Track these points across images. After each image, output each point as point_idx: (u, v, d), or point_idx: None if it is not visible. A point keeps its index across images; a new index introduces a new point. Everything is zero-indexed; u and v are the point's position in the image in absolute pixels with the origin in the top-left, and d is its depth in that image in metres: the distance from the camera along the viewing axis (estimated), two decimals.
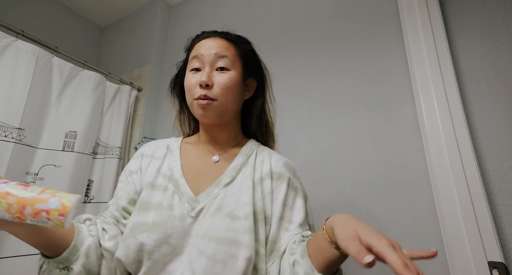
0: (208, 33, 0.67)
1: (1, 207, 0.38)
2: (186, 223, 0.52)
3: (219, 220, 0.52)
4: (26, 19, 1.69)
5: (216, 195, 0.56)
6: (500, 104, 0.81)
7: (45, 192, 0.40)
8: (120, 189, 0.62)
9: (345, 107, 1.06)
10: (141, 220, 0.53)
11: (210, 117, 0.60)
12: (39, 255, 0.51)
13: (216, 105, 0.58)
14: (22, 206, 0.38)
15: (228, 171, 0.60)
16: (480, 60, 0.87)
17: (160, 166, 0.62)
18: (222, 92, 0.59)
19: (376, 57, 1.05)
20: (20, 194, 0.39)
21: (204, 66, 0.60)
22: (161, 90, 1.72)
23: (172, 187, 0.57)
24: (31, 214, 0.38)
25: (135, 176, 0.62)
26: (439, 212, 0.79)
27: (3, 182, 0.40)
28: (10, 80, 1.10)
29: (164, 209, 0.54)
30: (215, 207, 0.54)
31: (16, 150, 1.07)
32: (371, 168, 0.95)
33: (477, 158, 0.78)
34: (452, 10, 0.95)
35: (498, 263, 0.68)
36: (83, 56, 1.68)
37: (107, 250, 0.53)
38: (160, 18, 1.82)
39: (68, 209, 0.39)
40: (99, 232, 0.55)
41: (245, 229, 0.51)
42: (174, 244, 0.50)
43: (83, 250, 0.51)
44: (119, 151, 1.45)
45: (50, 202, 0.39)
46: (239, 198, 0.55)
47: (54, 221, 0.38)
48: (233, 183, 0.58)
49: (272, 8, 1.41)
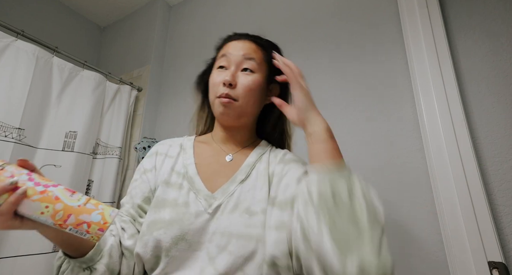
0: (240, 35, 0.69)
1: (47, 212, 0.37)
2: (202, 220, 0.52)
3: (237, 217, 0.52)
4: (26, 19, 1.70)
5: (233, 192, 0.56)
6: (500, 104, 0.81)
7: (90, 202, 0.40)
8: (134, 187, 0.62)
9: (345, 107, 1.06)
10: (157, 217, 0.53)
11: (229, 117, 0.61)
12: (55, 254, 0.51)
13: (236, 105, 0.59)
14: (68, 215, 0.38)
15: (243, 168, 0.60)
16: (480, 60, 0.87)
17: (174, 164, 0.62)
18: (245, 93, 0.60)
19: (376, 57, 1.05)
20: (68, 202, 0.38)
21: (230, 66, 0.62)
22: (161, 90, 1.73)
23: (187, 185, 0.58)
24: (73, 224, 0.38)
25: (149, 174, 0.62)
26: (439, 212, 0.79)
27: (52, 185, 0.40)
28: (10, 80, 1.10)
29: (180, 206, 0.54)
30: (232, 204, 0.54)
31: (16, 150, 1.07)
32: (371, 168, 0.95)
33: (477, 158, 0.78)
34: (452, 10, 0.95)
35: (498, 263, 0.68)
36: (83, 56, 1.68)
37: (127, 248, 0.54)
38: (160, 18, 1.82)
39: (108, 224, 0.39)
40: (119, 231, 0.56)
41: (263, 224, 0.51)
42: (191, 241, 0.51)
43: (107, 249, 0.52)
44: (119, 151, 1.45)
45: (93, 214, 0.39)
46: (254, 194, 0.55)
47: (92, 234, 0.38)
48: (248, 179, 0.58)
49: (272, 8, 1.41)
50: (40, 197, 0.38)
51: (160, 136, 1.60)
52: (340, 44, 1.14)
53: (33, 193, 0.38)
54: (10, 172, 0.39)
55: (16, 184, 0.37)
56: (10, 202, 0.37)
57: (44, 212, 0.37)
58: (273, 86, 0.67)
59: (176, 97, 1.63)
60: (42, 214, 0.38)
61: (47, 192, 0.38)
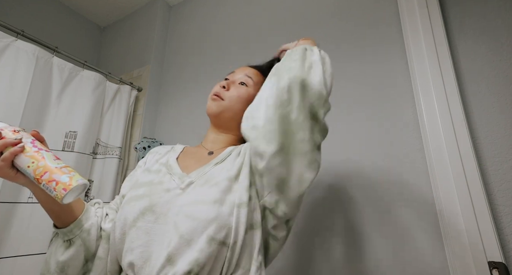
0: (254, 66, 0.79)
1: (32, 166, 0.46)
2: (173, 194, 0.55)
3: (207, 189, 0.54)
4: (26, 19, 1.69)
5: (206, 172, 0.59)
6: (500, 104, 0.81)
7: (67, 168, 0.48)
8: (124, 182, 0.69)
9: (345, 107, 1.06)
10: (132, 195, 0.57)
11: (212, 111, 0.68)
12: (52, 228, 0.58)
13: (221, 103, 0.67)
14: (45, 171, 0.46)
15: (220, 155, 0.64)
16: (480, 60, 0.87)
17: (161, 157, 0.69)
18: (232, 97, 0.68)
19: (376, 57, 1.05)
20: (49, 163, 0.47)
21: (232, 78, 0.72)
22: (161, 90, 1.73)
23: (165, 169, 0.63)
24: (46, 180, 0.45)
25: (139, 170, 0.69)
26: (439, 212, 0.79)
27: (45, 150, 0.50)
28: (10, 80, 1.10)
29: (154, 185, 0.58)
30: (203, 180, 0.56)
31: None
32: (371, 168, 0.95)
33: (477, 158, 0.78)
34: (452, 10, 0.95)
35: (498, 263, 0.68)
36: (83, 56, 1.68)
37: (104, 230, 0.59)
38: (160, 18, 1.82)
39: (71, 186, 0.45)
40: (103, 215, 0.61)
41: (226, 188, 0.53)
42: (158, 212, 0.52)
43: (87, 226, 0.56)
44: (119, 151, 1.45)
45: (63, 176, 0.46)
46: (227, 170, 0.57)
47: (57, 192, 0.45)
48: (223, 162, 0.61)
49: (272, 8, 1.41)
50: (32, 154, 0.47)
51: (160, 136, 1.60)
52: (340, 44, 1.14)
53: (28, 150, 0.48)
54: (21, 135, 0.50)
55: (19, 140, 0.48)
56: (10, 151, 0.47)
57: (30, 166, 0.47)
58: None
59: (176, 97, 1.63)
60: (28, 168, 0.47)
61: (38, 152, 0.48)
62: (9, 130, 0.50)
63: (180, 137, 1.50)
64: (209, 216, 0.49)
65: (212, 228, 0.48)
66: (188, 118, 1.51)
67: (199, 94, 1.51)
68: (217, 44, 1.55)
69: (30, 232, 1.06)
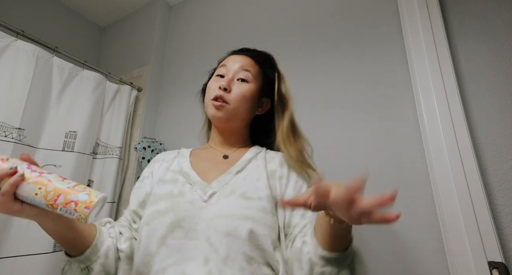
0: (240, 50, 0.75)
1: (40, 193, 0.42)
2: (197, 207, 0.53)
3: (233, 201, 0.52)
4: (26, 19, 1.69)
5: (228, 181, 0.57)
6: (500, 104, 0.81)
7: (79, 185, 0.44)
8: (132, 194, 0.65)
9: (345, 107, 1.06)
10: (153, 209, 0.54)
11: (221, 118, 0.64)
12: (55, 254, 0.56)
13: (228, 108, 0.63)
14: (57, 195, 0.42)
15: (239, 163, 0.62)
16: (480, 60, 0.87)
17: (170, 165, 0.65)
18: (237, 98, 0.64)
19: (376, 57, 1.05)
20: (59, 184, 0.43)
21: (228, 74, 0.67)
22: (161, 90, 1.72)
23: (183, 179, 0.59)
24: (62, 204, 0.42)
25: (146, 181, 0.65)
26: (439, 212, 0.79)
27: (47, 173, 0.45)
28: (10, 80, 1.10)
29: (175, 196, 0.55)
30: (227, 191, 0.54)
31: (16, 150, 1.07)
32: (371, 168, 0.94)
33: (477, 158, 0.78)
34: (452, 10, 0.95)
35: (498, 263, 0.68)
36: (83, 56, 1.68)
37: (122, 251, 0.56)
38: (160, 18, 1.82)
39: (93, 203, 0.42)
40: (117, 235, 0.58)
41: (259, 208, 0.51)
42: (187, 228, 0.50)
43: (103, 250, 0.53)
44: (119, 151, 1.45)
45: (80, 195, 0.42)
46: (251, 182, 0.56)
47: (80, 212, 0.41)
48: (244, 170, 0.59)
49: (272, 9, 1.41)
50: (35, 180, 0.43)
51: (160, 136, 1.60)
52: (340, 44, 1.14)
53: (29, 177, 0.43)
54: (12, 162, 0.44)
55: (15, 169, 0.43)
56: (9, 183, 0.41)
57: (37, 193, 0.42)
58: (265, 100, 0.71)
59: (176, 97, 1.63)
60: (36, 195, 0.42)
61: (41, 176, 0.43)
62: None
63: (180, 137, 1.50)
64: (243, 233, 0.48)
65: (248, 247, 0.47)
66: (188, 118, 1.51)
67: (199, 94, 1.51)
68: (217, 44, 1.55)
69: (30, 232, 1.06)
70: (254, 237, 0.48)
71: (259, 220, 0.50)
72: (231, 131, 0.69)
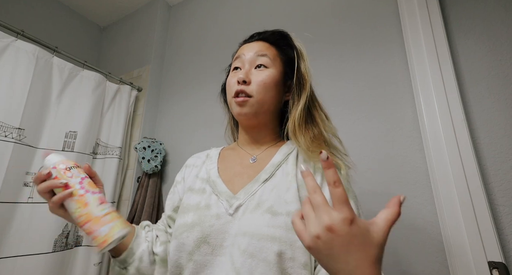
0: (251, 37, 0.68)
1: (76, 212, 0.48)
2: (224, 222, 0.51)
3: (259, 217, 0.49)
4: (26, 19, 1.69)
5: (255, 191, 0.53)
6: (500, 104, 0.81)
7: (109, 214, 0.48)
8: (168, 199, 0.66)
9: (345, 107, 1.06)
10: (182, 222, 0.54)
11: (247, 115, 0.59)
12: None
13: (252, 102, 0.57)
14: (87, 220, 0.47)
15: (267, 168, 0.57)
16: (480, 60, 0.87)
17: (198, 171, 0.64)
18: (259, 88, 0.57)
19: (376, 58, 1.05)
20: (92, 210, 0.48)
21: (244, 65, 0.61)
22: (161, 90, 1.73)
23: (210, 189, 0.57)
24: (86, 230, 0.47)
25: (179, 186, 0.66)
26: (439, 212, 0.79)
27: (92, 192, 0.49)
28: (10, 80, 1.10)
29: (202, 209, 0.54)
30: (254, 204, 0.51)
31: (16, 150, 1.07)
32: (371, 168, 0.95)
33: (477, 158, 0.78)
34: (452, 11, 0.95)
35: (498, 263, 0.68)
36: (83, 56, 1.68)
37: (157, 254, 0.58)
38: (160, 18, 1.82)
39: (105, 244, 0.46)
40: (153, 238, 0.60)
41: (288, 227, 0.47)
42: (214, 244, 0.49)
43: (138, 253, 0.56)
44: (119, 151, 1.45)
45: (102, 229, 0.46)
46: (279, 194, 0.52)
47: (95, 244, 0.46)
48: (272, 178, 0.55)
49: (272, 9, 1.41)
50: (77, 199, 0.48)
51: (160, 136, 1.60)
52: (340, 44, 1.14)
53: (75, 194, 0.48)
54: (71, 173, 0.50)
55: (66, 184, 0.48)
56: (59, 196, 0.48)
57: (74, 212, 0.48)
58: (291, 83, 0.63)
59: (176, 97, 1.63)
60: (73, 213, 0.48)
61: (84, 196, 0.48)
62: (62, 168, 0.50)
63: (180, 137, 1.50)
64: (269, 256, 0.44)
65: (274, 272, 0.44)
66: (188, 118, 1.51)
67: (199, 94, 1.51)
68: (217, 44, 1.55)
69: (30, 232, 1.06)
70: (281, 261, 0.44)
71: (287, 241, 0.45)
72: (259, 127, 0.63)
